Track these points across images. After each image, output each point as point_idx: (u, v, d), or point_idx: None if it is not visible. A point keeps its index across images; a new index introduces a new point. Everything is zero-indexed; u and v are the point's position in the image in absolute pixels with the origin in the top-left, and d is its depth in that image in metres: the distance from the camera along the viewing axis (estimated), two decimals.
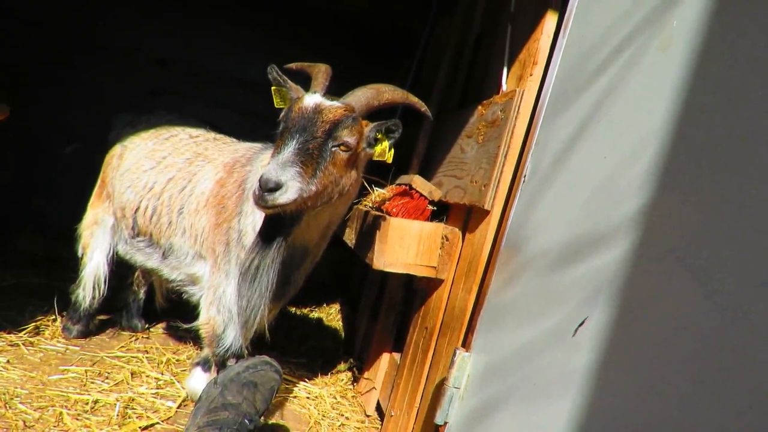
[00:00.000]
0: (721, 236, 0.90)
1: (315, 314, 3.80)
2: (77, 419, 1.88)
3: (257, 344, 2.10)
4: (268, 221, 1.78)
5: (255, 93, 4.67)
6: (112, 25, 4.50)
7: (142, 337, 2.84)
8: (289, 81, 1.88)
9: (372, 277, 3.30)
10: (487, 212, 1.87)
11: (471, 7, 2.91)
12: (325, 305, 3.94)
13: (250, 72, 4.75)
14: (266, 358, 1.80)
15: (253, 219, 1.98)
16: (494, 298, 1.57)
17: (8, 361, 2.18)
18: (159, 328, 3.01)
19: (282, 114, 1.79)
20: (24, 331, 2.48)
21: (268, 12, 4.69)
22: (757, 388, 0.77)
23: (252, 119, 4.52)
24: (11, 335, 2.41)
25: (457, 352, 1.59)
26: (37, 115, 4.30)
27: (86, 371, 2.27)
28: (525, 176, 1.64)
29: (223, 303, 2.04)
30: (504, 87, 2.09)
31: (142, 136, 2.51)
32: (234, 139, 2.45)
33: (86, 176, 2.91)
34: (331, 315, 3.78)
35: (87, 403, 2.00)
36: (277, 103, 1.91)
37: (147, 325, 2.95)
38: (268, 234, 1.77)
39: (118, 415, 1.96)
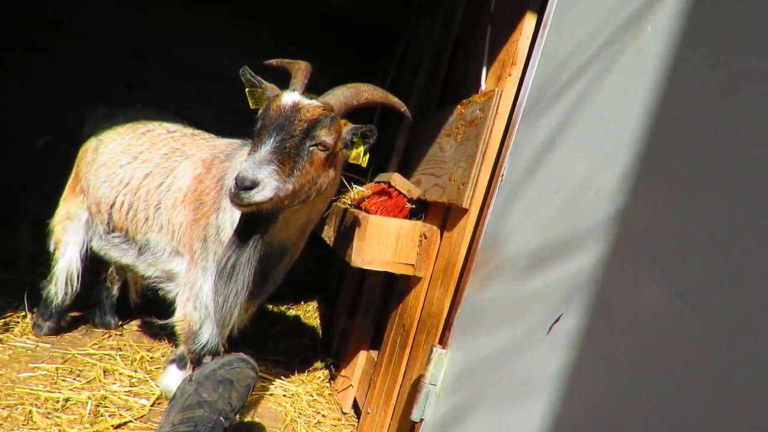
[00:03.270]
0: (692, 238, 0.92)
1: (292, 312, 3.78)
2: (47, 418, 1.85)
3: (234, 341, 2.08)
4: (244, 219, 1.77)
5: (233, 88, 4.65)
6: (89, 15, 4.41)
7: (116, 334, 2.79)
8: (264, 81, 1.87)
9: (350, 274, 3.30)
10: (465, 211, 1.89)
11: (451, 8, 2.92)
12: (302, 303, 3.92)
13: (229, 67, 4.70)
14: (242, 355, 1.79)
15: (232, 215, 1.96)
16: (471, 297, 1.58)
17: None
18: (133, 325, 2.96)
19: (260, 111, 1.77)
20: None
21: (248, 7, 4.65)
22: (727, 387, 0.79)
23: (232, 115, 4.50)
24: None
25: (434, 349, 1.60)
26: (8, 105, 4.19)
27: (57, 369, 2.22)
28: (503, 176, 1.66)
29: (200, 299, 2.02)
30: (483, 87, 2.11)
31: (119, 131, 2.46)
32: (213, 135, 2.42)
33: (59, 169, 2.85)
34: (309, 313, 3.77)
35: (57, 402, 1.96)
36: (251, 104, 1.90)
37: (121, 322, 2.90)
38: (244, 232, 1.76)
39: (89, 414, 1.92)
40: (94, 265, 2.66)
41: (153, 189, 2.19)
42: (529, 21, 1.94)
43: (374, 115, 3.57)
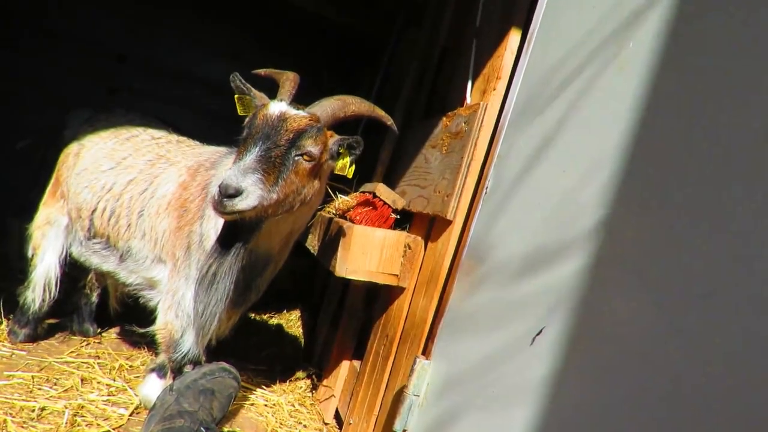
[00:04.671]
0: (672, 250, 0.94)
1: (275, 321, 3.76)
2: (22, 427, 1.81)
3: (215, 350, 2.06)
4: (227, 227, 1.77)
5: (214, 93, 4.63)
6: (68, 16, 4.35)
7: (94, 342, 2.75)
8: (252, 89, 1.87)
9: (333, 284, 3.29)
10: (450, 222, 1.91)
11: (437, 20, 2.96)
12: (285, 312, 3.90)
13: (212, 71, 4.68)
14: (224, 364, 1.77)
15: (216, 223, 1.95)
16: (455, 307, 1.59)
17: None
18: (112, 333, 2.92)
19: (246, 120, 1.78)
20: None
21: (231, 12, 4.64)
22: (707, 395, 0.81)
23: (210, 119, 4.47)
24: None
25: (417, 360, 1.61)
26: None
27: (33, 377, 2.18)
28: (487, 188, 1.68)
29: (182, 307, 2.00)
30: (468, 100, 2.14)
31: (102, 135, 2.44)
32: (198, 142, 2.41)
33: (39, 173, 2.81)
34: (291, 322, 3.75)
35: (33, 410, 1.92)
36: (240, 111, 1.90)
37: (99, 330, 2.86)
38: (226, 240, 1.75)
39: (66, 423, 1.89)
40: (73, 271, 2.62)
41: (136, 195, 2.17)
42: (514, 36, 1.97)
43: (359, 125, 3.59)
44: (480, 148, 1.91)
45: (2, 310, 2.60)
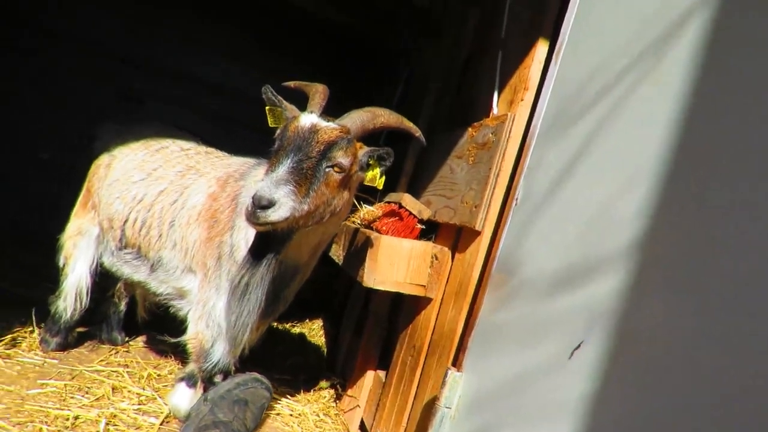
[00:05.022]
0: (714, 261, 0.94)
1: (297, 330, 3.77)
2: None
3: (243, 360, 2.07)
4: (259, 238, 1.79)
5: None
6: (79, 21, 4.41)
7: (123, 350, 2.79)
8: (284, 101, 1.90)
9: (356, 293, 3.30)
10: (478, 233, 1.91)
11: (460, 29, 2.97)
12: (307, 321, 3.92)
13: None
14: (256, 375, 1.79)
15: (246, 234, 1.98)
16: (486, 319, 1.59)
17: None
18: (139, 342, 2.95)
19: (278, 132, 1.80)
20: (2, 343, 2.41)
21: (253, 19, 4.68)
22: (753, 408, 0.81)
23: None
24: None
25: (449, 371, 1.60)
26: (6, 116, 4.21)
27: (65, 386, 2.21)
28: (517, 200, 1.68)
29: (213, 317, 2.02)
30: (495, 111, 2.14)
31: (132, 147, 2.49)
32: (226, 153, 2.44)
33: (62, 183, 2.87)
34: (314, 331, 3.76)
35: (67, 419, 1.95)
36: (270, 122, 1.92)
37: (127, 339, 2.89)
38: (259, 250, 1.78)
39: None
40: (102, 280, 2.66)
41: (167, 206, 2.21)
42: (542, 47, 1.98)
43: (381, 135, 3.61)
44: (508, 159, 1.91)
45: (35, 319, 2.64)
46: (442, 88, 2.98)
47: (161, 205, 2.23)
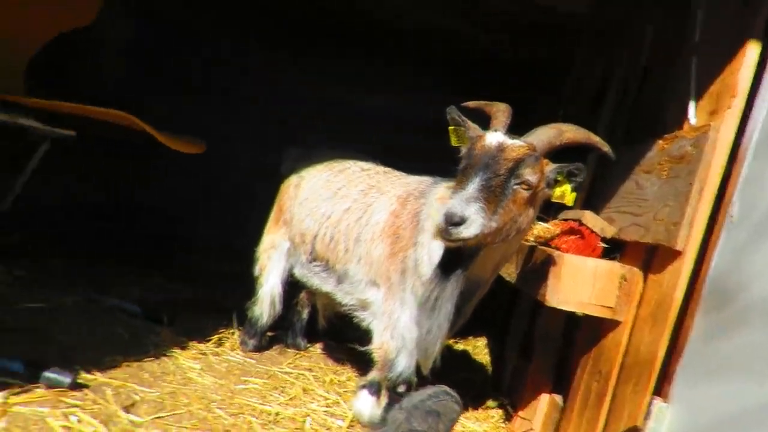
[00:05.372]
0: None
1: (460, 346, 3.79)
2: (264, 429, 2.05)
3: (433, 373, 2.13)
4: (447, 254, 1.84)
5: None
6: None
7: (305, 355, 3.03)
8: (468, 121, 1.94)
9: (520, 311, 3.23)
10: (678, 253, 1.77)
11: (638, 39, 2.81)
12: (470, 338, 3.92)
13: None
14: (446, 388, 1.84)
15: (429, 250, 2.05)
16: (698, 347, 1.47)
17: (201, 369, 2.43)
18: (317, 348, 3.18)
19: (464, 151, 1.85)
20: (210, 342, 2.76)
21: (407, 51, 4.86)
22: None
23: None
24: (201, 344, 2.69)
25: (654, 402, 1.50)
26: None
27: (264, 384, 2.46)
28: (731, 217, 1.54)
29: (397, 329, 2.12)
30: (693, 121, 1.99)
31: (317, 168, 2.72)
32: (402, 173, 2.56)
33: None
34: (477, 348, 3.75)
35: (270, 414, 2.16)
36: (453, 141, 1.98)
37: (308, 345, 3.14)
38: (447, 266, 1.83)
39: (299, 429, 2.10)
40: (289, 290, 2.93)
41: (352, 222, 2.38)
42: (752, 50, 1.80)
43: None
44: (714, 172, 1.76)
45: (235, 322, 2.99)
46: (619, 100, 2.83)
47: (347, 221, 2.40)
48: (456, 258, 1.81)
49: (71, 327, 2.46)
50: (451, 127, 1.96)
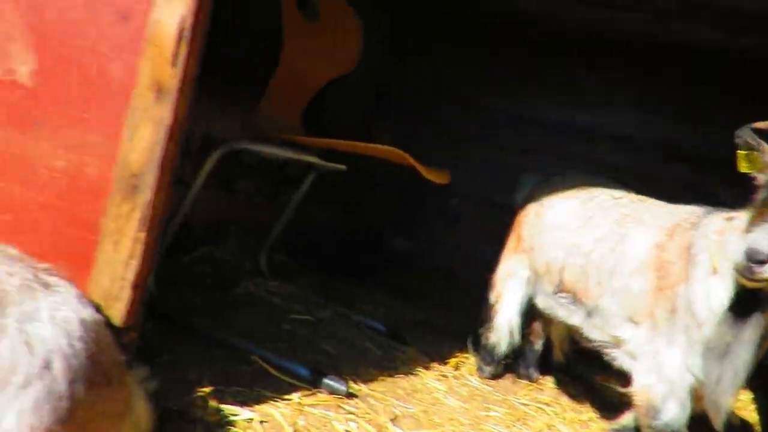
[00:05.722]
0: None
1: None
2: None
3: (730, 427, 1.91)
4: (743, 295, 1.63)
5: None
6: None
7: (537, 387, 2.94)
8: (764, 143, 1.72)
9: None
10: None
11: None
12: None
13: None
14: None
15: (706, 287, 1.84)
16: None
17: (446, 390, 2.51)
18: (549, 382, 3.06)
19: (763, 179, 1.64)
20: (448, 365, 2.85)
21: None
22: None
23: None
24: (441, 366, 2.79)
25: None
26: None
27: (505, 414, 2.45)
28: None
29: (663, 372, 1.93)
30: None
31: (561, 196, 2.65)
32: (662, 202, 2.36)
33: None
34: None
35: None
36: (743, 167, 1.76)
37: (539, 376, 3.04)
38: (743, 309, 1.62)
39: None
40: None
41: (606, 254, 2.25)
42: None
43: None
44: None
45: (471, 347, 3.04)
46: None
47: (599, 253, 2.28)
48: (753, 299, 1.60)
49: (332, 339, 2.75)
50: (741, 152, 1.75)
